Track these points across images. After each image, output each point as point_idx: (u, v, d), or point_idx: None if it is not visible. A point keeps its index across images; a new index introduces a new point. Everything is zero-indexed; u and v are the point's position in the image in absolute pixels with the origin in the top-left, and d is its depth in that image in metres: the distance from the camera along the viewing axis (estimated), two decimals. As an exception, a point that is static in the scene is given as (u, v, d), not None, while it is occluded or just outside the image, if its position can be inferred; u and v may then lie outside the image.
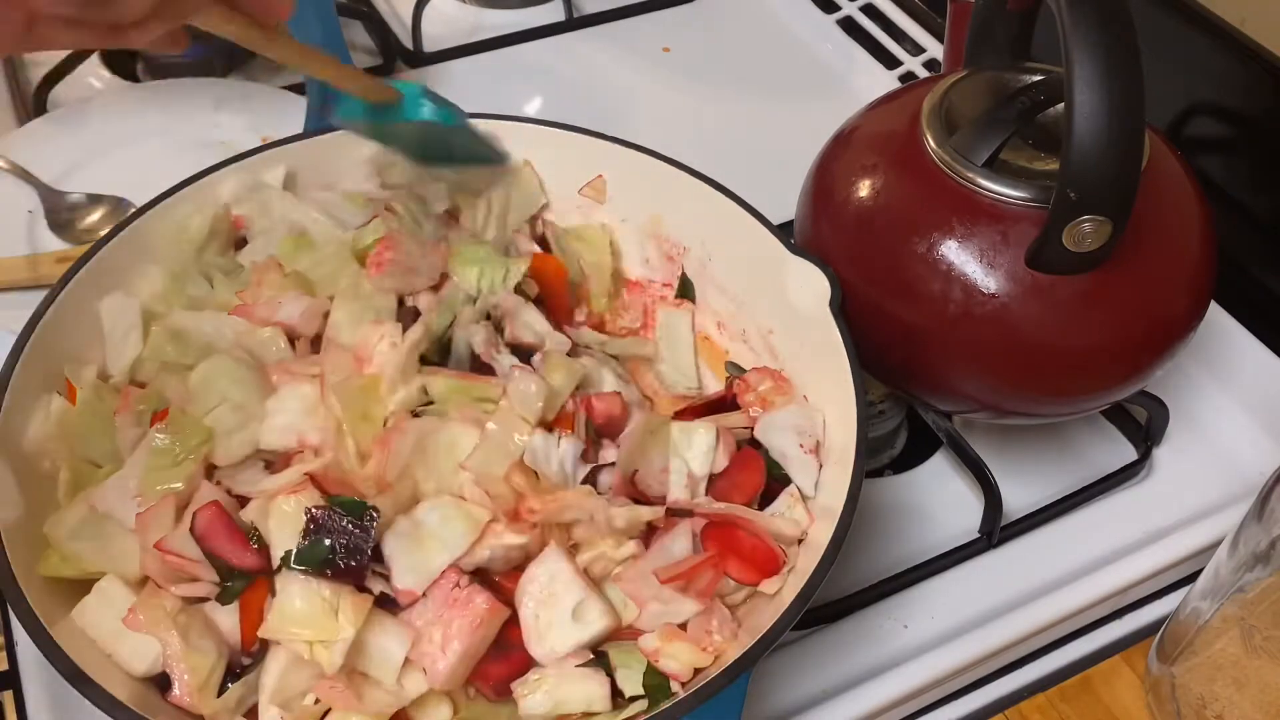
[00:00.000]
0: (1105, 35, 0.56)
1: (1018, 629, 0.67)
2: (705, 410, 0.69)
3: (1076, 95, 0.56)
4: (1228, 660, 0.60)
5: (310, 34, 0.84)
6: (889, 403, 0.79)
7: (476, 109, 0.79)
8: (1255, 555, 0.56)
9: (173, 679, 0.55)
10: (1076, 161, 0.57)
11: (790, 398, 0.67)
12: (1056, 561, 0.72)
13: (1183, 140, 0.91)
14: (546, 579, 0.58)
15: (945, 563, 0.71)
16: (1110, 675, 0.68)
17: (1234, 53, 0.86)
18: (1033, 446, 0.79)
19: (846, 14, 1.14)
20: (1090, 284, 0.63)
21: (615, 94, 1.04)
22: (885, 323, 0.67)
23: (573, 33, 1.11)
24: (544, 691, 0.56)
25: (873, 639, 0.68)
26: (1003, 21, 0.71)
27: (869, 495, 0.64)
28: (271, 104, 0.96)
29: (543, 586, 0.58)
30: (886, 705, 0.64)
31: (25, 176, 0.89)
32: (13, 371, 0.60)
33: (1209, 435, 0.80)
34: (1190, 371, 0.82)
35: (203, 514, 0.57)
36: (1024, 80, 0.69)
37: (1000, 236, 0.63)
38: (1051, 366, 0.65)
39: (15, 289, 0.82)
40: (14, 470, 0.58)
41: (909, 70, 1.08)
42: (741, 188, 0.73)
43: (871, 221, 0.68)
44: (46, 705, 0.63)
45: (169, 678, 0.55)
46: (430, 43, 1.06)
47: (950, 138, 0.66)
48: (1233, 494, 0.75)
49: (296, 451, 0.61)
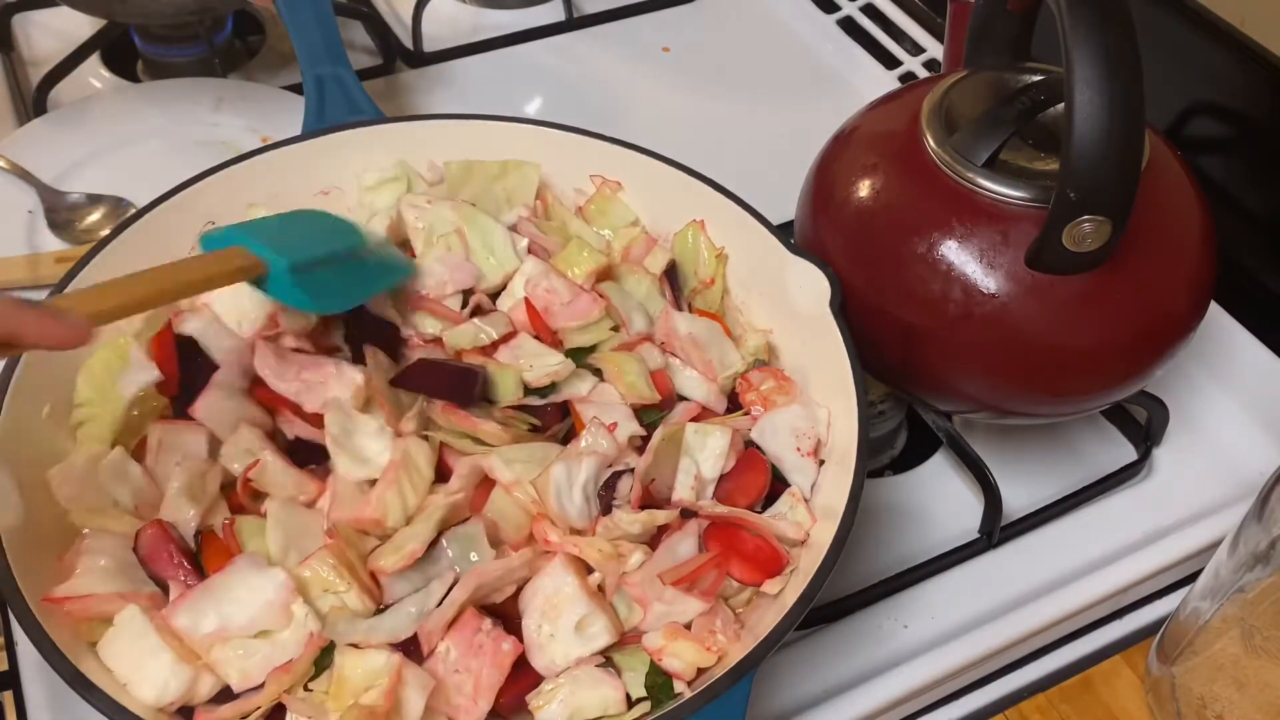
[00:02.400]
0: (1105, 35, 0.56)
1: (1018, 629, 0.67)
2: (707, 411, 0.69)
3: (1076, 95, 0.56)
4: (1228, 660, 0.60)
5: (309, 34, 0.84)
6: (889, 403, 0.79)
7: (476, 109, 0.79)
8: (1255, 555, 0.56)
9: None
10: (1076, 161, 0.57)
11: (793, 397, 0.67)
12: (1056, 561, 0.72)
13: (1183, 140, 0.91)
14: (551, 591, 0.58)
15: (945, 563, 0.71)
16: (1110, 675, 0.68)
17: (1234, 53, 0.86)
18: (1033, 446, 0.79)
19: (846, 14, 1.14)
20: (1090, 284, 0.63)
21: (615, 94, 1.04)
22: (885, 323, 0.67)
23: (573, 33, 1.11)
24: (559, 701, 0.56)
25: (873, 639, 0.68)
26: (1003, 21, 0.71)
27: (869, 495, 0.64)
28: (271, 104, 0.96)
29: (546, 599, 0.58)
30: (886, 705, 0.64)
31: (25, 176, 0.89)
32: (13, 374, 0.60)
33: (1209, 435, 0.80)
34: (1190, 371, 0.82)
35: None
36: (1024, 80, 0.69)
37: (1000, 236, 0.63)
38: (1051, 366, 0.65)
39: (15, 289, 0.82)
40: (14, 474, 0.58)
41: (909, 70, 1.07)
42: (741, 188, 0.73)
43: (871, 221, 0.68)
44: (46, 705, 0.63)
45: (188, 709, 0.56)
46: (430, 43, 1.06)
47: (950, 138, 0.66)
48: (1233, 494, 0.75)
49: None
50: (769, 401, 0.67)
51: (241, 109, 0.95)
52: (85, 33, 1.01)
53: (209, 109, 0.96)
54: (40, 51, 1.06)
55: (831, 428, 0.65)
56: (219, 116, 0.95)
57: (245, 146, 0.75)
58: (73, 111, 0.96)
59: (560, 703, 0.56)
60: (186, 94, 0.97)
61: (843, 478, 0.60)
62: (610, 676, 0.57)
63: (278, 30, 1.08)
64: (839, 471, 0.61)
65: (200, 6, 0.94)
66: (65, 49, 1.00)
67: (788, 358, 0.71)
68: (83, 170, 0.91)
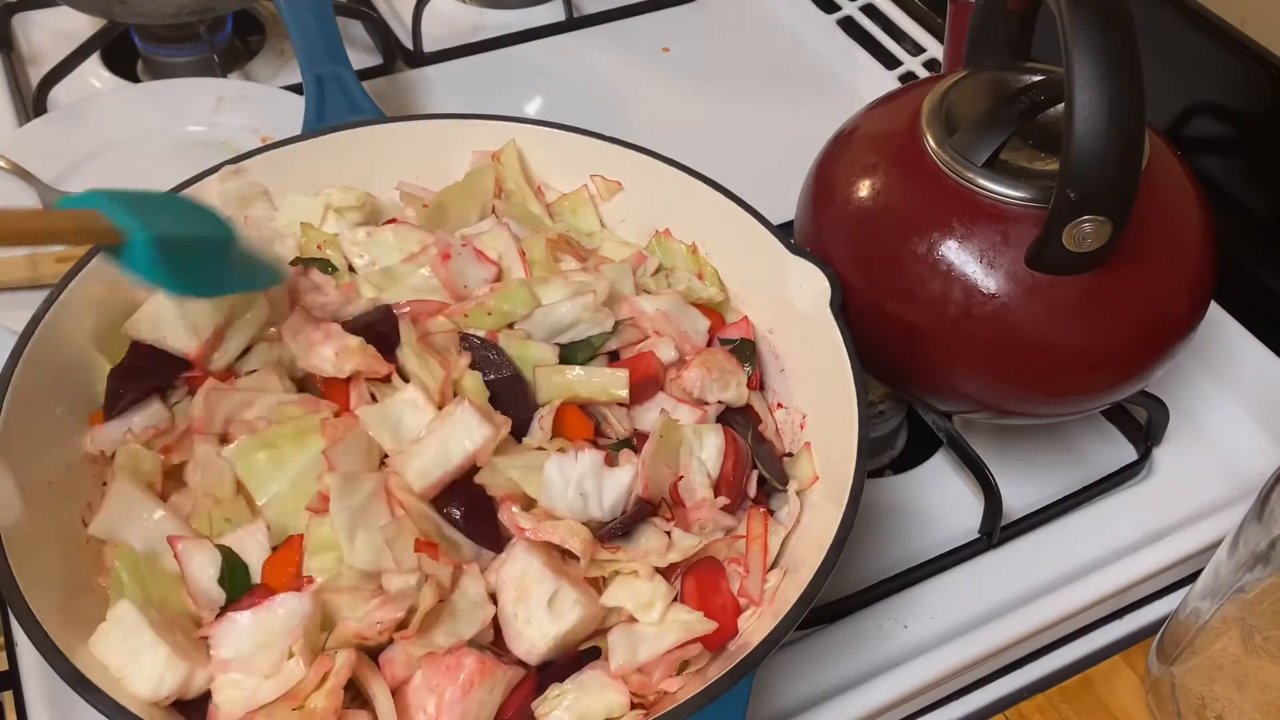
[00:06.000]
0: (1105, 35, 0.56)
1: (1018, 629, 0.67)
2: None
3: (1076, 95, 0.56)
4: (1228, 660, 0.60)
5: (309, 34, 0.84)
6: (889, 403, 0.79)
7: (477, 109, 0.79)
8: (1255, 555, 0.56)
9: None
10: (1076, 161, 0.57)
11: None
12: (1056, 561, 0.72)
13: (1183, 140, 0.91)
14: (518, 574, 0.58)
15: (945, 563, 0.71)
16: (1110, 675, 0.68)
17: (1234, 53, 0.86)
18: (1033, 446, 0.79)
19: (846, 14, 1.14)
20: (1090, 284, 0.63)
21: (615, 94, 1.04)
22: (885, 323, 0.67)
23: (573, 33, 1.11)
24: (565, 707, 0.56)
25: (873, 639, 0.68)
26: (1003, 21, 0.71)
27: (869, 495, 0.64)
28: (271, 104, 0.96)
29: (516, 583, 0.58)
30: (886, 705, 0.64)
31: (25, 176, 0.89)
32: (13, 372, 0.60)
33: (1209, 435, 0.80)
34: (1190, 371, 0.82)
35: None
36: (1024, 80, 0.69)
37: (1000, 236, 0.63)
38: (1051, 366, 0.65)
39: (15, 289, 0.82)
40: (14, 473, 0.58)
41: (909, 70, 1.08)
42: (741, 188, 0.73)
43: (871, 221, 0.68)
44: (46, 705, 0.63)
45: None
46: (430, 43, 1.06)
47: (950, 138, 0.66)
48: (1233, 494, 0.75)
49: None
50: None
51: (241, 109, 0.95)
52: (85, 33, 1.01)
53: (209, 109, 0.96)
54: (40, 51, 1.06)
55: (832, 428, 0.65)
56: (219, 116, 0.95)
57: (245, 146, 0.75)
58: (73, 111, 0.96)
59: (566, 709, 0.56)
60: (186, 94, 0.97)
61: (843, 478, 0.60)
62: (615, 681, 0.57)
63: (278, 30, 1.08)
64: (839, 472, 0.61)
65: (200, 6, 0.94)
66: (65, 49, 1.00)
67: (788, 358, 0.71)
68: (83, 170, 0.91)
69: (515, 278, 0.70)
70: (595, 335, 0.68)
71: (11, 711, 0.63)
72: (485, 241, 0.72)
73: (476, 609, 0.58)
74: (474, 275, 0.70)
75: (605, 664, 0.57)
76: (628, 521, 0.61)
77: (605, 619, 0.60)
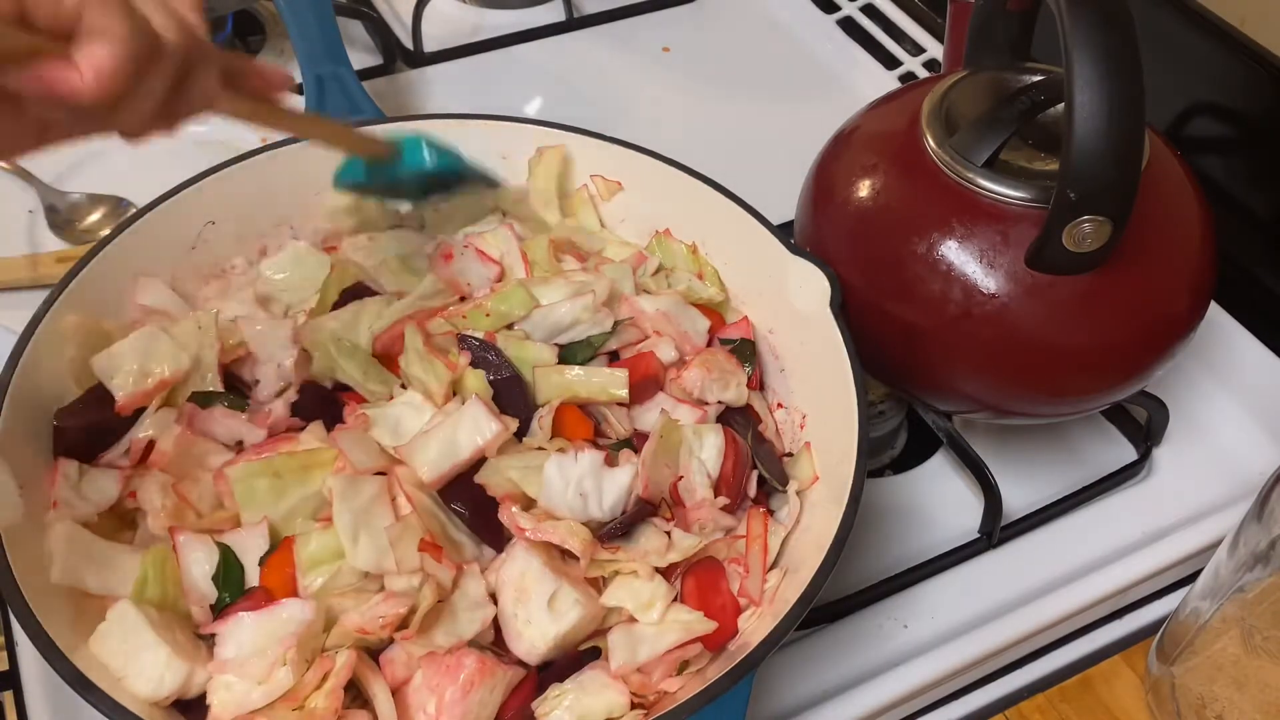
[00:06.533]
0: (1105, 35, 0.56)
1: (1018, 629, 0.67)
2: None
3: (1076, 95, 0.56)
4: (1228, 660, 0.60)
5: (309, 34, 0.84)
6: (889, 403, 0.79)
7: (477, 109, 0.79)
8: (1255, 555, 0.56)
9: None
10: (1076, 161, 0.57)
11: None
12: (1056, 561, 0.72)
13: (1183, 140, 0.91)
14: (518, 575, 0.58)
15: (945, 563, 0.71)
16: (1110, 675, 0.68)
17: (1234, 53, 0.86)
18: (1033, 446, 0.79)
19: (846, 14, 1.14)
20: (1090, 284, 0.63)
21: (615, 94, 1.04)
22: (885, 323, 0.67)
23: (573, 33, 1.11)
24: (565, 707, 0.56)
25: (873, 639, 0.68)
26: (1003, 21, 0.71)
27: (869, 495, 0.64)
28: (271, 104, 0.95)
29: (515, 584, 0.58)
30: (886, 705, 0.64)
31: (25, 176, 0.89)
32: (13, 373, 0.60)
33: (1209, 435, 0.80)
34: (1190, 371, 0.82)
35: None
36: (1024, 80, 0.69)
37: (1000, 236, 0.63)
38: (1051, 366, 0.65)
39: (15, 289, 0.82)
40: (14, 472, 0.58)
41: (909, 70, 1.08)
42: (741, 188, 0.73)
43: (871, 221, 0.68)
44: (46, 705, 0.63)
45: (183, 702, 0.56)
46: (430, 43, 1.06)
47: (950, 138, 0.66)
48: (1233, 494, 0.75)
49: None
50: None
51: (241, 109, 0.95)
52: (85, 33, 1.01)
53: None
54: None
55: (832, 428, 0.65)
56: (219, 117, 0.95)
57: (245, 146, 0.75)
58: (73, 111, 0.96)
59: (566, 709, 0.56)
60: (186, 94, 0.97)
61: (843, 478, 0.60)
62: (615, 681, 0.57)
63: (278, 30, 1.08)
64: (839, 471, 0.61)
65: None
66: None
67: (788, 357, 0.71)
68: (83, 170, 0.91)
69: (515, 278, 0.70)
70: (595, 335, 0.68)
71: (11, 711, 0.63)
72: (487, 241, 0.72)
73: (477, 609, 0.58)
74: (477, 275, 0.71)
75: (605, 664, 0.57)
76: (628, 521, 0.61)
77: (605, 619, 0.60)
